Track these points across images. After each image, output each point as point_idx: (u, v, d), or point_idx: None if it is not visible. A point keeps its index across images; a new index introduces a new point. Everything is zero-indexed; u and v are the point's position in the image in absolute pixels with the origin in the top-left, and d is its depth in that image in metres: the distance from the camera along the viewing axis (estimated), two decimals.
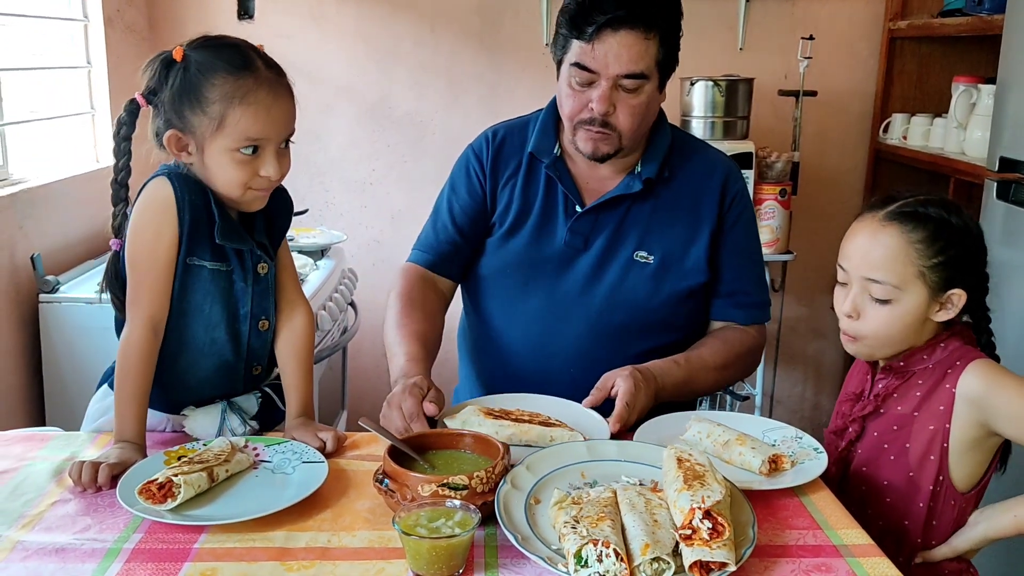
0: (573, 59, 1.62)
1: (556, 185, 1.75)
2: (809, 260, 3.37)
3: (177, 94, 1.34)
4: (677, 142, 1.78)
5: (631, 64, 1.59)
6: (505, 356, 1.78)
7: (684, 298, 1.74)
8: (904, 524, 1.38)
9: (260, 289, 1.46)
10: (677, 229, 1.73)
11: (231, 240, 1.40)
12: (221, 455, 1.30)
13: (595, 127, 1.63)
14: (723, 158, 1.84)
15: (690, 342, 1.79)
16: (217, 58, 1.35)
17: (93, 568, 1.09)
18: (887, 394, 1.41)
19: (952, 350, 1.37)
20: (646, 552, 1.05)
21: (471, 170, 1.80)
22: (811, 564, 1.12)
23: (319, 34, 3.26)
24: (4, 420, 2.30)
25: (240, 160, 1.35)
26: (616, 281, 1.71)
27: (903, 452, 1.38)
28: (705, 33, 3.31)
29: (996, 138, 2.24)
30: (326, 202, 3.35)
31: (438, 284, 1.79)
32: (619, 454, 1.34)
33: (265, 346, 1.49)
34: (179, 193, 1.36)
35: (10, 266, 2.35)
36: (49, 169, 2.66)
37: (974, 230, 1.37)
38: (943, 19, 2.98)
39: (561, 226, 1.73)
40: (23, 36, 2.66)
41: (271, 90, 1.35)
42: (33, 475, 1.33)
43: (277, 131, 1.37)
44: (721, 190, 1.75)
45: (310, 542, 1.16)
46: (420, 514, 1.12)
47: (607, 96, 1.60)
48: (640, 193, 1.72)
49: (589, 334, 1.71)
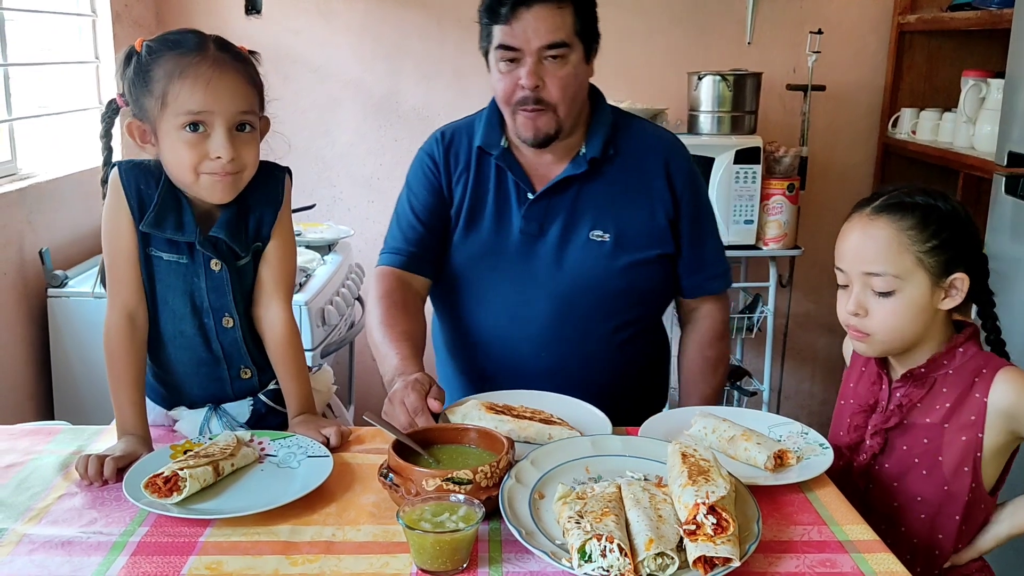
0: (497, 43, 1.67)
1: (506, 176, 1.79)
2: (817, 255, 3.35)
3: (131, 81, 1.35)
4: (619, 121, 1.82)
5: (550, 35, 1.64)
6: (477, 349, 1.82)
7: (644, 272, 1.78)
8: (939, 538, 1.36)
9: (214, 285, 1.43)
10: (628, 205, 1.77)
11: (162, 229, 1.38)
12: (227, 449, 1.30)
13: (530, 106, 1.68)
14: (666, 134, 1.89)
15: (656, 315, 1.87)
16: (166, 42, 1.35)
17: (99, 561, 1.09)
18: (910, 404, 1.38)
19: (972, 355, 1.35)
20: (650, 547, 1.05)
21: (426, 169, 1.83)
22: (816, 560, 1.11)
23: (327, 29, 3.26)
24: (12, 414, 2.31)
25: (188, 140, 1.33)
26: (576, 262, 1.75)
27: (936, 465, 1.35)
28: (713, 27, 3.30)
29: (1005, 133, 2.22)
30: (333, 197, 3.35)
31: (414, 283, 1.80)
32: (624, 449, 1.34)
33: (238, 344, 1.47)
34: (125, 181, 1.38)
35: (19, 260, 2.36)
36: (58, 164, 2.67)
37: (962, 213, 1.36)
38: (952, 13, 2.96)
39: (515, 214, 1.77)
40: (32, 31, 2.66)
41: (214, 64, 1.33)
42: (40, 469, 1.34)
43: (221, 105, 1.33)
44: (667, 165, 1.79)
45: (315, 536, 1.16)
46: (424, 508, 1.12)
47: (534, 70, 1.66)
48: (587, 174, 1.76)
49: (556, 317, 1.75)
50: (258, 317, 1.49)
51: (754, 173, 2.97)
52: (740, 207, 2.99)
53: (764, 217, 3.03)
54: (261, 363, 1.50)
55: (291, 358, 1.48)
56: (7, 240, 2.32)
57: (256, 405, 1.50)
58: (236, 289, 1.45)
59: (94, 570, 1.08)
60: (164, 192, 1.39)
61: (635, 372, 1.85)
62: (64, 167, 2.66)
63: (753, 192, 2.98)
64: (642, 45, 3.31)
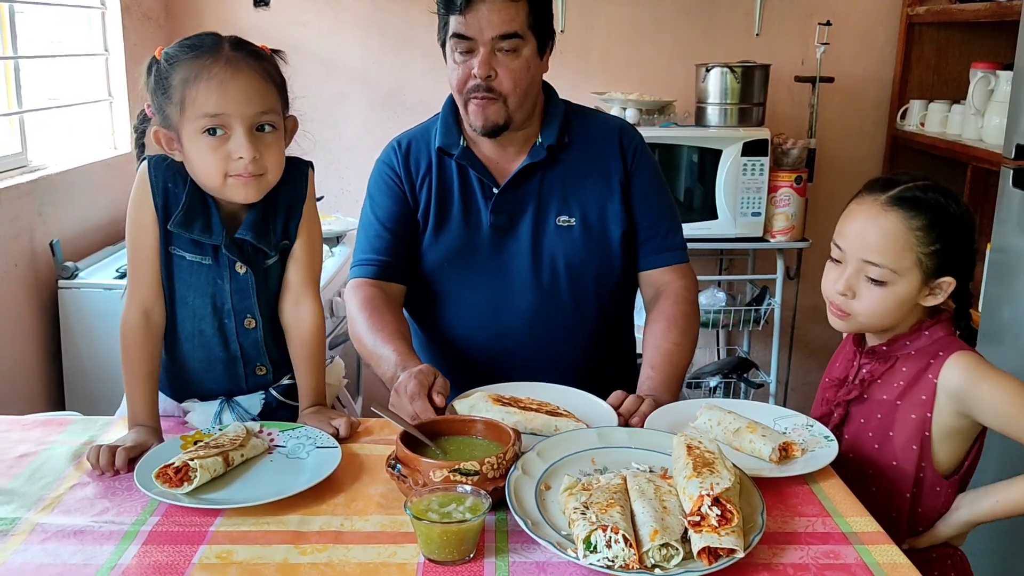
0: (451, 32, 1.70)
1: (468, 174, 1.80)
2: (825, 248, 3.28)
3: (154, 90, 1.36)
4: (571, 112, 1.86)
5: (504, 25, 1.67)
6: (460, 349, 1.83)
7: (613, 251, 1.81)
8: (891, 515, 1.39)
9: (238, 287, 1.43)
10: (589, 189, 1.80)
11: (190, 230, 1.38)
12: (236, 440, 1.31)
13: (480, 93, 1.70)
14: (617, 119, 1.95)
15: (629, 295, 1.90)
16: (184, 47, 1.35)
17: (111, 550, 1.11)
18: (871, 379, 1.42)
19: (936, 339, 1.38)
20: (655, 538, 1.06)
21: (387, 179, 1.84)
22: (820, 551, 1.12)
23: (334, 21, 3.26)
24: (24, 404, 2.34)
25: (210, 145, 1.33)
26: (548, 250, 1.78)
27: (887, 440, 1.39)
28: (721, 19, 3.30)
29: (1013, 125, 2.22)
30: (341, 189, 3.37)
31: (389, 291, 1.80)
32: (629, 441, 1.35)
33: (258, 344, 1.47)
34: (153, 177, 1.38)
35: (30, 252, 2.38)
36: (68, 156, 2.68)
37: (968, 219, 1.38)
38: (961, 5, 2.95)
39: (483, 210, 1.79)
40: (41, 24, 2.68)
41: (229, 65, 1.32)
42: (52, 459, 1.36)
43: (238, 107, 1.32)
44: (620, 145, 1.83)
45: (324, 526, 1.17)
46: (432, 499, 1.13)
47: (487, 60, 1.68)
48: (547, 162, 1.79)
49: (537, 306, 1.78)
50: (285, 312, 1.49)
51: (762, 165, 2.97)
52: (748, 199, 2.99)
53: (772, 209, 3.03)
54: (278, 360, 1.51)
55: (314, 353, 1.49)
56: (18, 232, 2.33)
57: (268, 399, 1.51)
58: (260, 290, 1.45)
59: (106, 559, 1.09)
60: (192, 192, 1.39)
61: (617, 356, 1.91)
62: (74, 159, 2.68)
63: (761, 184, 2.98)
64: (650, 37, 3.31)
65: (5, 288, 2.28)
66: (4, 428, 1.46)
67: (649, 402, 1.52)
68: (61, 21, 2.79)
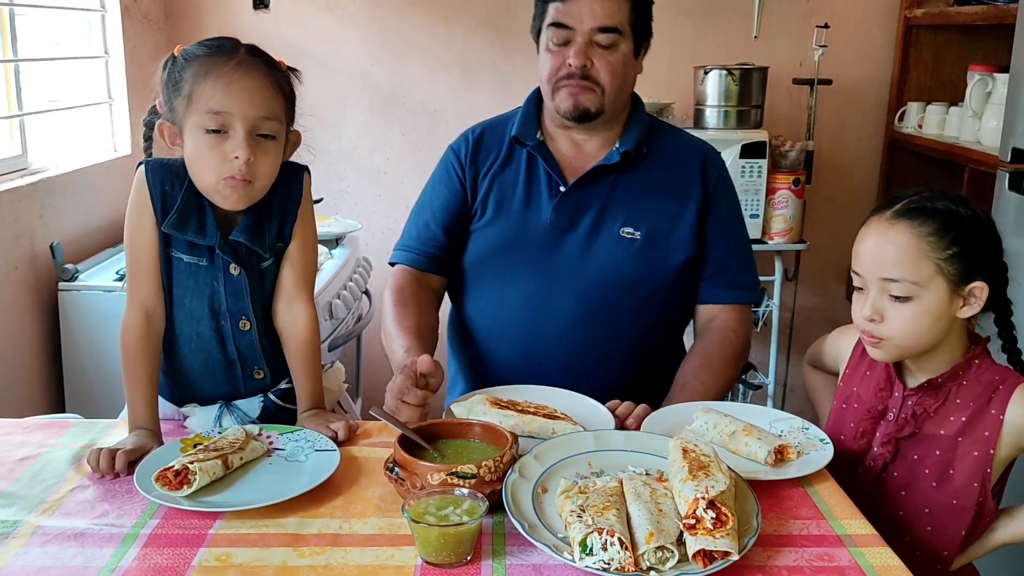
0: (550, 21, 1.68)
1: (538, 168, 1.78)
2: (823, 249, 3.36)
3: (165, 84, 1.38)
4: (655, 125, 1.84)
5: (604, 18, 1.66)
6: (495, 344, 1.80)
7: (672, 274, 1.76)
8: (943, 554, 1.36)
9: (233, 289, 1.44)
10: (662, 205, 1.76)
11: (183, 231, 1.39)
12: (236, 443, 1.32)
13: (575, 80, 1.68)
14: (701, 141, 1.88)
15: (679, 328, 1.85)
16: (200, 46, 1.38)
17: (111, 552, 1.12)
18: (924, 415, 1.37)
19: (986, 368, 1.34)
20: (650, 541, 1.07)
21: (450, 167, 1.84)
22: (814, 554, 1.13)
23: (334, 23, 3.27)
24: (24, 406, 2.34)
25: (209, 143, 1.34)
26: (603, 258, 1.74)
27: (946, 478, 1.35)
28: (719, 21, 3.31)
29: (1009, 128, 2.23)
30: (340, 191, 3.38)
31: (427, 281, 1.81)
32: (626, 444, 1.36)
33: (254, 346, 1.48)
34: (151, 179, 1.40)
35: (30, 254, 2.39)
36: (68, 158, 2.69)
37: (984, 220, 1.34)
38: (959, 8, 2.97)
39: (546, 206, 1.76)
40: (41, 26, 2.68)
41: (240, 66, 1.35)
42: (53, 462, 1.36)
43: (242, 106, 1.34)
44: (703, 169, 1.79)
45: (322, 528, 1.18)
46: (429, 502, 1.14)
47: (583, 50, 1.66)
48: (622, 168, 1.76)
49: (578, 313, 1.73)
50: (279, 315, 1.50)
51: (760, 167, 2.98)
52: (746, 201, 3.00)
53: (770, 211, 3.04)
54: (275, 364, 1.52)
55: (309, 357, 1.49)
56: (18, 234, 2.34)
57: (266, 402, 1.52)
58: (255, 292, 1.46)
59: (106, 561, 1.10)
60: (188, 193, 1.40)
61: (653, 382, 1.78)
62: (74, 161, 2.68)
63: (759, 186, 2.99)
64: None
65: (5, 290, 2.29)
66: (5, 431, 1.47)
67: (644, 406, 1.52)
68: (61, 23, 2.80)
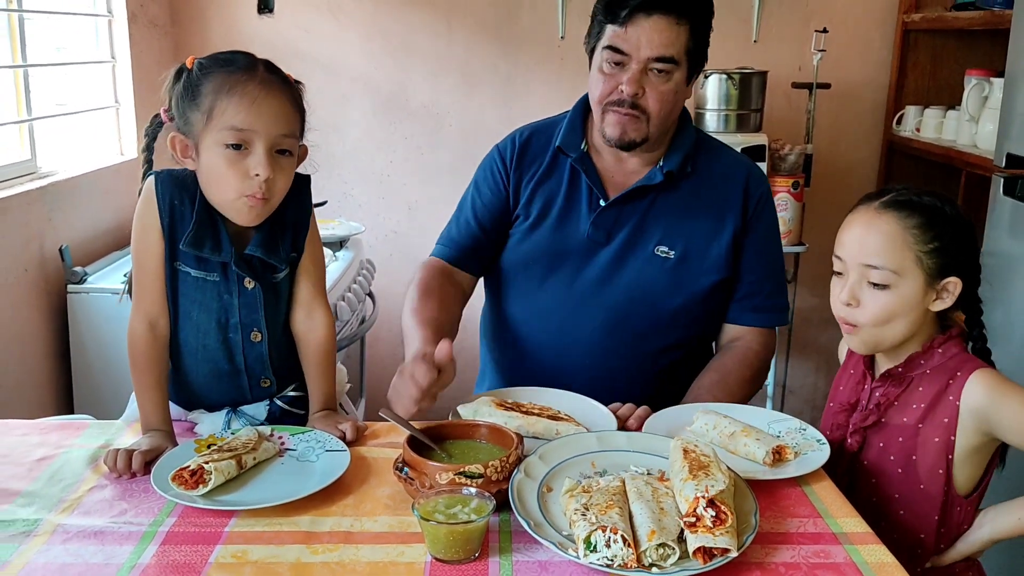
0: (606, 43, 1.67)
1: (580, 180, 1.78)
2: (822, 252, 3.36)
3: (180, 96, 1.38)
4: (701, 141, 1.82)
5: (662, 48, 1.63)
6: (523, 348, 1.83)
7: (703, 294, 1.76)
8: (920, 537, 1.40)
9: (246, 302, 1.46)
10: (700, 224, 1.76)
11: (201, 249, 1.40)
12: (248, 443, 1.36)
13: (624, 108, 1.67)
14: (747, 160, 1.87)
15: (705, 346, 1.84)
16: (216, 60, 1.39)
17: (131, 550, 1.15)
18: (887, 403, 1.41)
19: (951, 356, 1.38)
20: (652, 538, 1.10)
21: (495, 168, 1.85)
22: (810, 551, 1.17)
23: (336, 27, 3.31)
24: (33, 407, 2.38)
25: (229, 159, 1.35)
26: (635, 275, 1.74)
27: (911, 464, 1.39)
28: (719, 26, 3.27)
29: (1004, 134, 2.26)
30: (344, 193, 3.41)
31: (456, 277, 1.83)
32: (628, 444, 1.40)
33: (263, 357, 1.50)
34: (160, 191, 1.40)
35: (39, 257, 2.43)
36: (76, 162, 2.73)
37: (965, 221, 1.39)
38: (956, 12, 3.00)
39: (584, 219, 1.77)
40: (49, 31, 2.72)
41: (262, 84, 1.36)
42: (71, 462, 1.40)
43: (264, 125, 1.35)
44: (745, 190, 1.78)
45: (334, 526, 1.22)
46: (438, 501, 1.18)
47: (637, 78, 1.65)
48: (663, 187, 1.75)
49: (606, 327, 1.75)
50: (297, 322, 1.52)
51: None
52: None
53: None
54: (282, 373, 1.54)
55: (325, 360, 1.53)
56: (28, 237, 2.38)
57: (272, 407, 1.54)
58: (269, 304, 1.48)
59: (127, 558, 1.13)
60: (200, 209, 1.41)
61: (675, 395, 1.76)
62: (83, 165, 2.72)
63: None
64: None
65: (16, 293, 2.32)
66: (23, 432, 1.51)
67: (645, 408, 1.55)
68: (68, 29, 2.83)
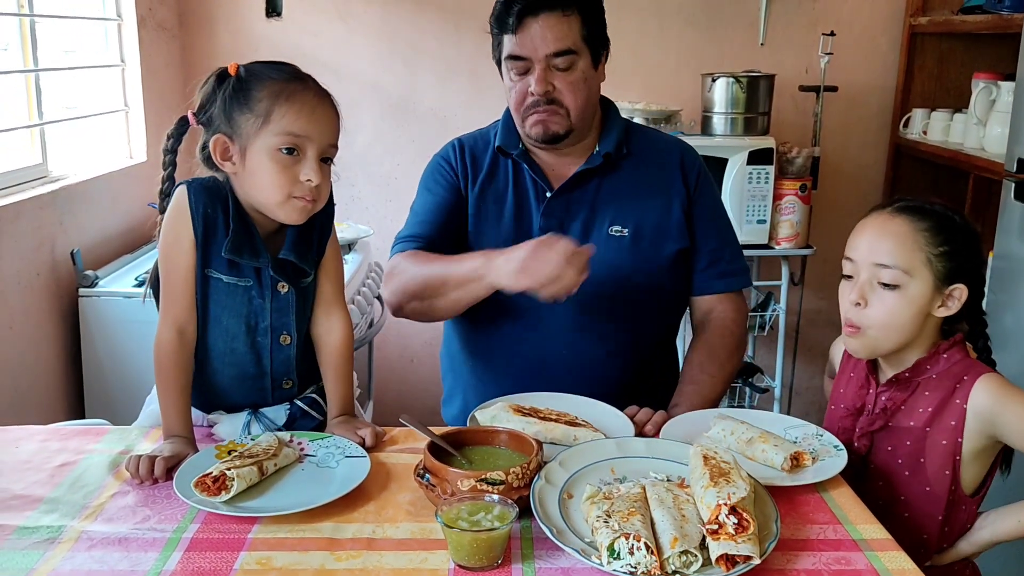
0: (507, 53, 1.73)
1: (523, 175, 1.83)
2: (828, 254, 3.39)
3: (228, 98, 1.40)
4: (631, 127, 1.90)
5: (556, 43, 1.69)
6: (497, 349, 1.85)
7: (664, 267, 1.82)
8: (923, 538, 1.42)
9: (279, 306, 1.48)
10: (647, 202, 1.82)
11: (240, 256, 1.43)
12: (269, 450, 1.36)
13: (541, 107, 1.73)
14: (678, 139, 1.96)
15: (674, 320, 1.91)
16: (269, 67, 1.42)
17: (156, 556, 1.16)
18: (894, 408, 1.44)
19: (955, 361, 1.41)
20: (675, 545, 1.11)
21: (443, 171, 1.87)
22: (831, 558, 1.17)
23: (345, 31, 3.31)
24: (45, 410, 2.38)
25: (281, 162, 1.38)
26: (597, 258, 1.75)
27: (919, 467, 1.41)
28: (726, 29, 3.35)
29: (1014, 138, 2.27)
30: (352, 197, 3.42)
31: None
32: (647, 451, 1.40)
33: (289, 360, 1.51)
34: (193, 202, 1.42)
35: (51, 261, 2.43)
36: (86, 166, 2.73)
37: (972, 231, 1.43)
38: (963, 16, 3.00)
39: (535, 212, 1.81)
40: (59, 36, 2.72)
41: (317, 94, 1.42)
42: (92, 468, 1.40)
43: (319, 132, 1.39)
44: (682, 165, 1.85)
45: (356, 533, 1.22)
46: (461, 508, 1.18)
47: (543, 77, 1.71)
48: (604, 170, 1.81)
49: (577, 311, 1.78)
50: (316, 323, 1.54)
51: (767, 174, 3.02)
52: (753, 207, 3.04)
53: (776, 217, 3.08)
54: (304, 374, 1.55)
55: (343, 363, 1.54)
56: (40, 241, 2.38)
57: (292, 410, 1.55)
58: (299, 308, 1.50)
59: (152, 564, 1.14)
60: (236, 217, 1.43)
61: (653, 373, 1.88)
62: (93, 169, 2.72)
63: (766, 192, 3.03)
64: (657, 47, 3.36)
65: (28, 297, 2.33)
66: (43, 438, 1.51)
67: (662, 413, 1.56)
68: (77, 32, 2.84)
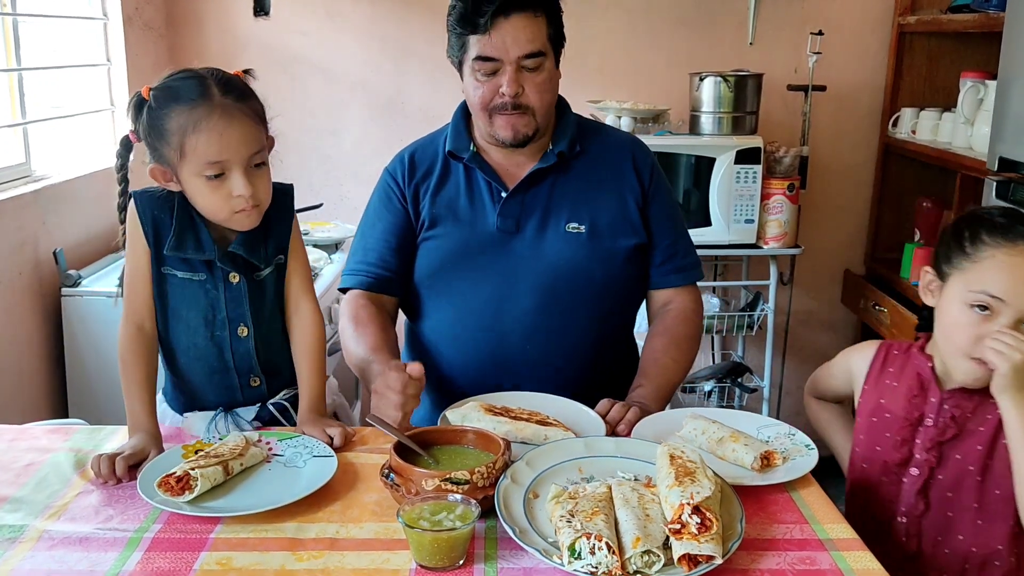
0: (474, 54, 1.71)
1: (476, 178, 1.83)
2: (817, 254, 3.40)
3: (146, 131, 1.45)
4: (583, 123, 1.90)
5: (529, 44, 1.69)
6: (459, 351, 1.84)
7: (620, 261, 1.82)
8: (998, 548, 1.40)
9: (232, 296, 1.53)
10: (601, 197, 1.83)
11: (184, 251, 1.49)
12: (236, 449, 1.36)
13: (509, 110, 1.73)
14: (629, 135, 1.98)
15: (631, 312, 1.92)
16: (172, 92, 1.43)
17: (115, 557, 1.15)
18: (962, 416, 1.42)
19: None
20: (637, 545, 1.10)
21: (389, 190, 1.86)
22: (796, 557, 1.17)
23: (334, 30, 3.31)
24: (27, 410, 2.38)
25: (211, 186, 1.43)
26: (555, 255, 1.80)
27: (988, 470, 1.40)
28: (715, 29, 3.34)
29: (996, 137, 2.26)
30: (340, 196, 3.41)
31: (381, 302, 1.83)
32: (615, 450, 1.39)
33: (249, 353, 1.55)
34: (141, 211, 1.49)
35: (34, 261, 2.43)
36: (71, 165, 2.73)
37: None
38: (951, 15, 2.99)
39: (491, 213, 1.81)
40: (44, 34, 2.72)
41: (224, 114, 1.41)
42: (57, 467, 1.40)
43: (235, 151, 1.42)
44: (634, 161, 1.86)
45: (319, 533, 1.22)
46: (423, 507, 1.18)
47: (514, 79, 1.71)
48: (558, 168, 1.82)
49: (537, 308, 1.78)
50: (288, 321, 1.59)
51: (755, 173, 3.01)
52: (741, 206, 3.03)
53: (764, 216, 3.07)
54: (270, 371, 1.58)
55: (313, 354, 1.57)
56: (23, 241, 2.38)
57: (262, 413, 1.58)
58: (254, 299, 1.54)
59: (111, 565, 1.14)
60: (179, 215, 1.48)
61: (612, 363, 1.88)
62: (77, 168, 2.71)
63: (754, 192, 3.02)
64: (645, 46, 3.35)
65: (10, 296, 2.33)
66: (11, 437, 1.51)
67: (635, 410, 1.56)
68: (63, 32, 2.83)
